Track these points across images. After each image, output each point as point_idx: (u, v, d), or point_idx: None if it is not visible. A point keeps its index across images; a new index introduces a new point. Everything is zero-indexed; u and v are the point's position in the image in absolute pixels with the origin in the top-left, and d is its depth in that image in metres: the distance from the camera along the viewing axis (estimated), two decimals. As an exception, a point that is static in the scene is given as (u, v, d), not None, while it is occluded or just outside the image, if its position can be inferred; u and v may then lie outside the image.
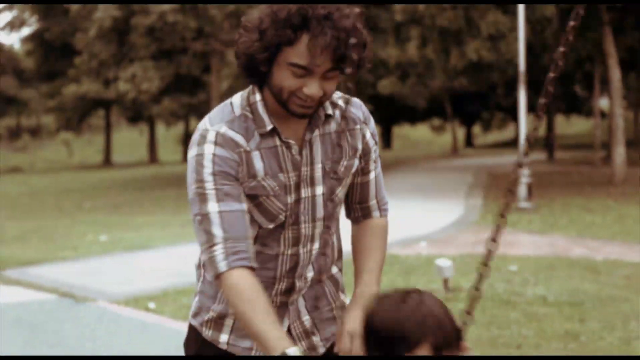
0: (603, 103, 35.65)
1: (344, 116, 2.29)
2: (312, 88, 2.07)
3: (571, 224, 13.76)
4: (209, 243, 2.11)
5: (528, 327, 6.55)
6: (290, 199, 2.20)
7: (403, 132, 68.00)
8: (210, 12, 23.41)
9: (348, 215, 2.46)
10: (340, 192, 2.29)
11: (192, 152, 2.16)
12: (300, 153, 2.20)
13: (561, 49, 2.24)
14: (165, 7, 23.25)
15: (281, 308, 2.30)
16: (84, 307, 7.84)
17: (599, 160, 26.50)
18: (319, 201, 2.25)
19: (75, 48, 30.46)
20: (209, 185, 2.12)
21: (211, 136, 2.14)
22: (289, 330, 2.31)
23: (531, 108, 40.34)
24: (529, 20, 19.25)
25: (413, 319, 1.92)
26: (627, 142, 24.15)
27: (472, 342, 6.10)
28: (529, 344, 6.06)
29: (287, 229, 2.23)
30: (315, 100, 2.10)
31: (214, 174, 2.12)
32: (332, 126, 2.26)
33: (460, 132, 58.67)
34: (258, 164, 2.16)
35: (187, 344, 2.40)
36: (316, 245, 2.29)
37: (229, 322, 2.28)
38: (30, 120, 61.14)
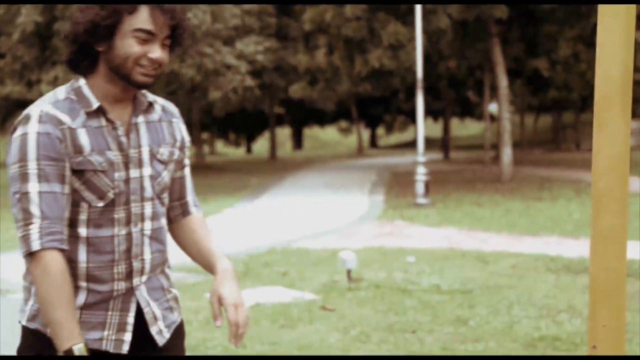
0: (492, 107, 36.47)
1: (164, 108, 2.34)
2: (156, 52, 2.13)
3: (464, 217, 14.03)
4: (25, 221, 2.07)
5: (423, 314, 6.63)
6: (119, 177, 2.18)
7: (313, 133, 68.21)
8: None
9: (168, 219, 2.41)
10: (166, 176, 2.29)
11: (17, 132, 2.12)
12: (127, 136, 2.20)
13: None
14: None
15: (127, 295, 2.23)
16: (4, 299, 7.58)
17: (489, 160, 27.12)
18: (147, 182, 2.24)
19: (-1, 51, 29.50)
20: (32, 165, 2.08)
21: (35, 114, 2.11)
22: (140, 315, 2.26)
23: (428, 112, 40.99)
24: (425, 32, 19.55)
25: None
26: (514, 143, 24.82)
27: (372, 327, 6.15)
28: (423, 328, 6.13)
29: (117, 206, 2.19)
30: (157, 65, 2.15)
31: (37, 154, 2.08)
32: (155, 115, 2.29)
33: (365, 134, 59.23)
34: (84, 140, 2.13)
35: (27, 348, 2.24)
36: (147, 226, 2.25)
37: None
38: (-46, 120, 58.98)
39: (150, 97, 2.31)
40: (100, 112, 2.16)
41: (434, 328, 6.15)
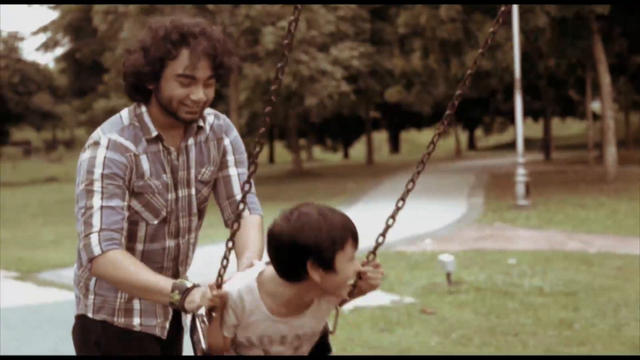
0: (595, 106, 35.45)
1: (212, 128, 2.49)
2: (198, 94, 2.28)
3: (566, 219, 13.69)
4: (86, 232, 2.25)
5: (525, 316, 6.52)
6: (171, 196, 2.40)
7: (410, 137, 67.79)
8: (227, 29, 23.46)
9: (224, 221, 2.51)
10: (206, 192, 2.50)
11: (84, 155, 2.32)
12: (177, 159, 2.40)
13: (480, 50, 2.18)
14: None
15: None
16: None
17: (592, 160, 26.35)
18: (193, 200, 2.46)
19: (103, 66, 30.60)
20: (97, 184, 2.27)
21: (104, 142, 2.31)
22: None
23: (528, 112, 40.19)
24: (523, 31, 19.17)
25: (334, 222, 2.02)
26: (618, 142, 24.01)
27: (473, 330, 6.08)
28: (526, 331, 6.03)
29: (169, 223, 2.41)
30: (200, 105, 2.30)
31: (102, 174, 2.27)
32: (202, 137, 2.47)
33: (463, 136, 58.46)
34: (145, 166, 2.34)
35: (97, 339, 2.45)
36: (192, 236, 2.51)
37: (136, 305, 2.44)
38: (64, 134, 61.39)
39: (200, 120, 2.44)
40: (158, 139, 2.37)
41: (537, 331, 6.03)
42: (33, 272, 10.22)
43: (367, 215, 16.29)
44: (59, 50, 45.69)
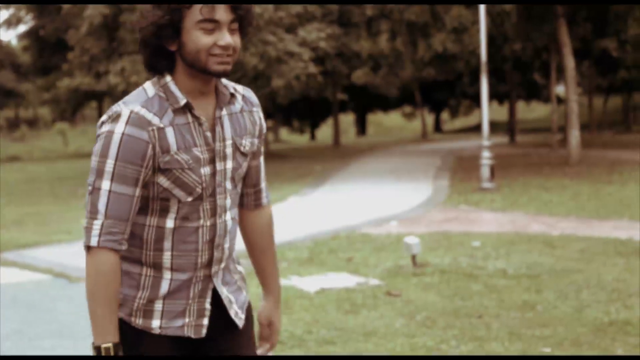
0: (559, 89, 35.76)
1: (244, 98, 2.35)
2: (225, 38, 2.13)
3: (530, 202, 13.83)
4: (91, 214, 2.14)
5: (489, 298, 6.58)
6: (205, 171, 2.22)
7: (377, 119, 67.96)
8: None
9: (240, 203, 2.46)
10: (245, 166, 2.34)
11: (104, 128, 2.15)
12: (212, 130, 2.23)
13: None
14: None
15: (205, 281, 2.30)
16: (78, 286, 7.78)
17: (556, 143, 26.62)
18: (230, 174, 2.28)
19: (68, 44, 30.17)
20: (110, 162, 2.13)
21: (125, 115, 2.14)
22: (216, 300, 2.33)
23: (493, 95, 40.41)
24: (489, 14, 19.25)
25: None
26: (582, 125, 24.27)
27: (437, 312, 6.13)
28: (489, 313, 6.09)
29: (204, 200, 2.24)
30: (229, 51, 2.14)
31: (117, 153, 2.12)
32: (237, 106, 2.31)
33: (430, 119, 58.74)
34: (171, 139, 2.16)
35: None
36: (229, 216, 2.31)
37: (158, 306, 2.25)
38: (27, 112, 60.54)
39: (231, 87, 2.31)
40: (186, 108, 2.19)
41: (500, 313, 6.09)
42: (-5, 253, 10.08)
43: (333, 197, 16.33)
44: (22, 28, 44.97)
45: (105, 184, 2.13)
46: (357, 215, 12.90)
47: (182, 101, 2.17)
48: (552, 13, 21.08)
